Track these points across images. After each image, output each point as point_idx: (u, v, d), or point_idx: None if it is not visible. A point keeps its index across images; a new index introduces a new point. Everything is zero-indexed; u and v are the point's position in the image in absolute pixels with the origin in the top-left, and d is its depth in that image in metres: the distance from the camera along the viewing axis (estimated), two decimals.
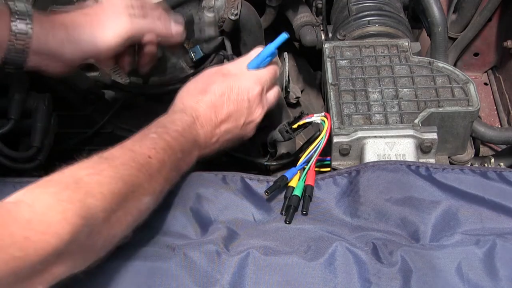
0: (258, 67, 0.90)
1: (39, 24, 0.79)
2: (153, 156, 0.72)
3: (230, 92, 0.85)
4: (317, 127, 0.90)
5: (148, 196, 0.70)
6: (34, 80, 0.92)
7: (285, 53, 1.09)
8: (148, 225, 0.73)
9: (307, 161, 0.84)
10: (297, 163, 0.85)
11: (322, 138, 0.84)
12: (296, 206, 0.79)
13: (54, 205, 0.57)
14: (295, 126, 0.89)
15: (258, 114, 0.88)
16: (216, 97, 0.84)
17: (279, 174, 0.84)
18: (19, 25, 0.77)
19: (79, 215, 0.58)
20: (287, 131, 0.90)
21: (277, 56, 0.94)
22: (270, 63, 0.91)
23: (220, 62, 1.05)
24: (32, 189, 0.59)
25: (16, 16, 0.77)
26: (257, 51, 0.91)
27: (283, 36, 0.90)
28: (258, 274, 0.69)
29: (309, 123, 0.89)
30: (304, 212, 0.78)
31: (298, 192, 0.80)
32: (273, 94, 0.91)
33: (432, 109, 0.88)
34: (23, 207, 0.55)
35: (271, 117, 1.00)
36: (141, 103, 1.08)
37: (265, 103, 0.89)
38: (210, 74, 0.87)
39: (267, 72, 0.90)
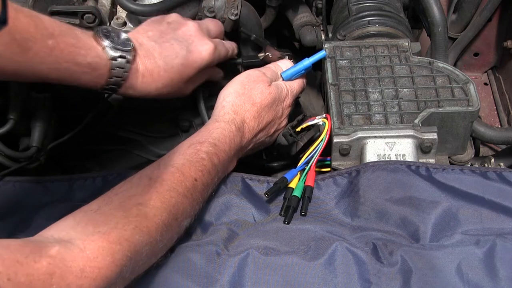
0: (291, 78, 0.94)
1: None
2: (199, 179, 0.73)
3: (272, 103, 0.87)
4: (317, 128, 0.90)
5: (188, 218, 0.73)
6: None
7: (286, 56, 1.09)
8: None
9: (307, 162, 0.84)
10: (297, 164, 0.85)
11: (322, 139, 0.84)
12: (295, 207, 0.79)
13: (104, 248, 0.59)
14: (298, 129, 0.90)
15: (284, 124, 0.92)
16: (262, 107, 0.86)
17: (279, 175, 0.84)
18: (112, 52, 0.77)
19: (127, 256, 0.61)
20: (290, 135, 0.90)
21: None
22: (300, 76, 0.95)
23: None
24: (84, 225, 0.61)
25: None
26: (286, 62, 0.96)
27: (322, 53, 0.95)
28: (258, 274, 0.69)
29: (312, 125, 0.89)
30: (303, 213, 0.78)
31: (297, 193, 0.80)
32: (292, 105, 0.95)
33: (432, 109, 0.88)
34: (76, 253, 0.57)
35: None
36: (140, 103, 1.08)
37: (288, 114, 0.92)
38: (254, 78, 0.88)
39: (298, 86, 0.94)
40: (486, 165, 0.99)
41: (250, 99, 0.86)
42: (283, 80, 0.94)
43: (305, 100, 1.28)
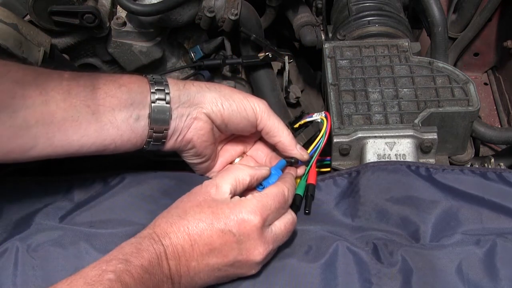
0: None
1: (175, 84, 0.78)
2: None
3: (212, 221, 0.67)
4: (317, 127, 0.90)
5: None
6: None
7: (286, 56, 1.09)
8: None
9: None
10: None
11: (322, 137, 0.84)
12: (298, 205, 0.78)
13: None
14: (296, 126, 0.89)
15: (257, 253, 0.68)
16: (193, 223, 0.67)
17: None
18: (158, 94, 0.76)
19: None
20: None
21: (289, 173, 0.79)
22: (277, 185, 0.73)
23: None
24: None
25: (155, 86, 0.76)
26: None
27: (282, 161, 0.81)
28: (258, 274, 0.70)
29: (310, 122, 0.88)
30: (307, 211, 0.78)
31: (300, 191, 0.79)
32: (283, 225, 0.71)
33: (432, 109, 0.88)
34: None
35: None
36: None
37: (270, 238, 0.69)
38: (199, 192, 0.71)
39: (273, 199, 0.70)
40: (486, 165, 0.99)
41: (180, 212, 0.69)
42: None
43: (305, 100, 1.28)
